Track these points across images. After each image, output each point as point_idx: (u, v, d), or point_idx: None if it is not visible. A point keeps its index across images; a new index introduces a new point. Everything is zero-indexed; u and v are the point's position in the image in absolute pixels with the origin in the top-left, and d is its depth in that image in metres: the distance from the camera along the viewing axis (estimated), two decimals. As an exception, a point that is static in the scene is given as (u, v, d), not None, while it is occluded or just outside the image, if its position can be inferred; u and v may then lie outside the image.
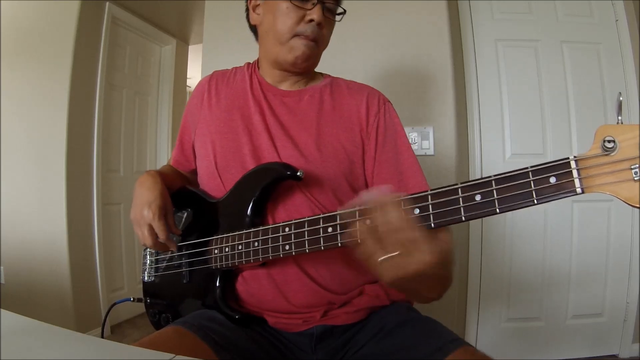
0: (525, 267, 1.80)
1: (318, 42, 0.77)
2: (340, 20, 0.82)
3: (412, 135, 1.65)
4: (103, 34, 2.33)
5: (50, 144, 2.13)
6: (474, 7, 1.82)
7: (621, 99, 0.42)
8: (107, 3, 2.34)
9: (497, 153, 1.80)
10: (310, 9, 0.74)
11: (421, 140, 1.65)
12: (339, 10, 0.81)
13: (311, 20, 0.74)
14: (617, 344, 1.83)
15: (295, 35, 0.75)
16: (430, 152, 1.64)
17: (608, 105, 1.80)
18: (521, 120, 1.80)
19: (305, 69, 0.81)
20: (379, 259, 0.49)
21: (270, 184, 0.70)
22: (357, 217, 0.54)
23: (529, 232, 1.78)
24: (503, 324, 1.83)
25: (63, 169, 2.10)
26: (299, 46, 0.76)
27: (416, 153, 1.71)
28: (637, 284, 1.78)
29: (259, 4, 0.82)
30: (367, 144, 0.78)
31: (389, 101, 0.83)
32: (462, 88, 1.79)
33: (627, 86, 1.79)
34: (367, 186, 0.79)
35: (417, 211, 0.50)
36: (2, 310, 0.58)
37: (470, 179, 0.49)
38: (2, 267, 2.24)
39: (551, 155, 1.79)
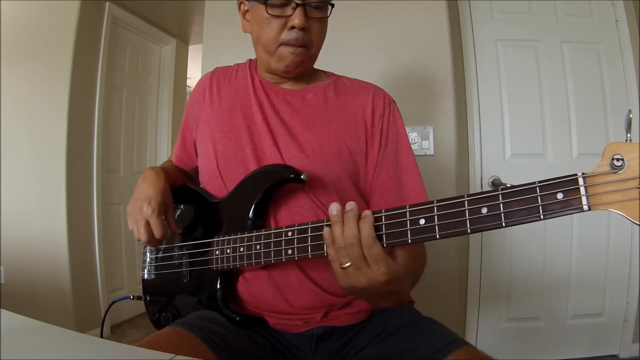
0: (525, 267, 1.80)
1: (307, 46, 0.74)
2: (329, 14, 0.76)
3: (412, 135, 1.65)
4: (103, 34, 2.33)
5: (50, 144, 2.13)
6: (474, 7, 1.82)
7: (631, 116, 0.41)
8: (107, 3, 2.34)
9: (497, 153, 1.80)
10: (290, 15, 0.70)
11: (421, 140, 1.65)
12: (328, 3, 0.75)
13: (293, 27, 0.71)
14: (617, 344, 1.83)
15: (281, 44, 0.73)
16: (430, 152, 1.64)
17: (608, 106, 1.80)
18: (521, 120, 1.80)
19: (300, 73, 0.80)
20: (337, 267, 0.53)
21: (272, 186, 0.69)
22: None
23: (529, 231, 1.78)
24: (503, 324, 1.83)
25: (63, 169, 2.10)
26: (287, 55, 0.73)
27: (416, 153, 1.71)
28: (637, 284, 1.78)
29: (247, 10, 0.79)
30: (370, 145, 0.77)
31: (394, 101, 0.82)
32: (462, 88, 1.79)
33: (627, 86, 1.79)
34: (368, 187, 0.79)
35: (422, 221, 0.50)
36: (2, 310, 0.58)
37: (470, 190, 0.49)
38: (2, 267, 2.24)
39: (551, 156, 1.79)
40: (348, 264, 0.52)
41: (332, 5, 0.75)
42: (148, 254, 0.88)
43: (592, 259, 1.80)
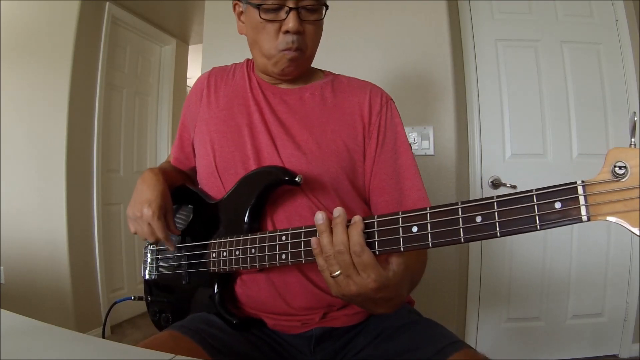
0: (525, 267, 1.80)
1: (302, 49, 0.74)
2: (324, 16, 0.75)
3: (412, 135, 1.65)
4: (103, 34, 2.33)
5: (50, 144, 2.13)
6: (474, 7, 1.82)
7: (636, 119, 0.39)
8: (107, 3, 2.34)
9: (497, 153, 1.80)
10: (284, 19, 0.70)
11: (421, 140, 1.65)
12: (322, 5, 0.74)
13: (287, 31, 0.71)
14: (617, 344, 1.83)
15: (281, 51, 0.73)
16: (430, 152, 1.64)
17: (608, 106, 1.80)
18: (521, 120, 1.80)
19: (296, 75, 0.79)
20: (327, 276, 0.53)
21: (267, 189, 0.69)
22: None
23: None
24: (503, 324, 1.83)
25: (63, 169, 2.10)
26: (283, 60, 0.73)
27: (416, 153, 1.70)
28: (637, 284, 1.78)
29: (242, 12, 0.79)
30: (368, 143, 0.77)
31: (392, 99, 0.82)
32: (462, 88, 1.78)
33: (627, 86, 1.79)
34: (366, 185, 0.79)
35: (414, 229, 0.48)
36: (2, 310, 0.58)
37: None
38: (2, 267, 2.24)
39: (551, 156, 1.79)
40: (338, 272, 0.52)
41: (327, 7, 0.75)
42: (149, 255, 0.88)
43: (592, 259, 1.80)
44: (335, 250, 0.51)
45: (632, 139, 0.40)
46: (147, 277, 0.87)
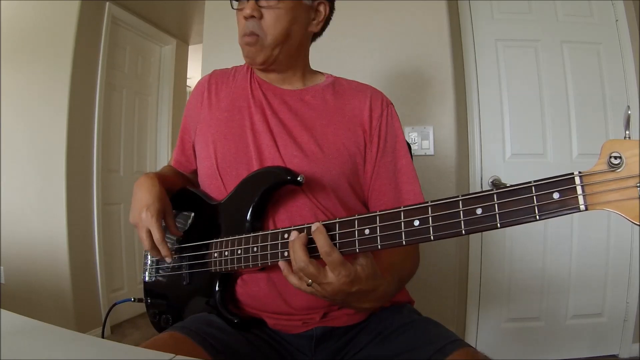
0: (525, 267, 1.80)
1: (259, 34, 0.73)
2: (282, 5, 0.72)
3: (412, 135, 1.65)
4: (103, 34, 2.33)
5: (50, 144, 2.13)
6: (474, 7, 1.82)
7: (630, 112, 0.40)
8: (107, 3, 2.34)
9: (497, 153, 1.80)
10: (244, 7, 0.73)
11: (421, 140, 1.65)
12: None
13: (245, 18, 0.73)
14: (617, 344, 1.83)
15: (240, 36, 0.75)
16: (430, 152, 1.64)
17: (608, 106, 1.80)
18: (521, 120, 1.80)
19: (265, 64, 0.77)
20: (305, 288, 0.58)
21: (270, 188, 0.69)
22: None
23: (529, 231, 1.78)
24: (503, 324, 1.83)
25: (63, 169, 2.10)
26: (243, 46, 0.76)
27: (416, 153, 1.70)
28: (637, 284, 1.78)
29: None
30: (369, 147, 0.78)
31: (392, 103, 0.83)
32: (462, 88, 1.78)
33: (627, 86, 1.79)
34: (365, 188, 0.79)
35: (416, 223, 0.50)
36: (2, 310, 0.58)
37: (470, 190, 0.49)
38: (2, 267, 2.24)
39: (551, 156, 1.79)
40: (311, 281, 0.56)
41: None
42: (149, 257, 0.88)
43: (592, 259, 1.80)
44: (298, 267, 0.56)
45: (627, 132, 0.41)
46: (147, 279, 0.87)
